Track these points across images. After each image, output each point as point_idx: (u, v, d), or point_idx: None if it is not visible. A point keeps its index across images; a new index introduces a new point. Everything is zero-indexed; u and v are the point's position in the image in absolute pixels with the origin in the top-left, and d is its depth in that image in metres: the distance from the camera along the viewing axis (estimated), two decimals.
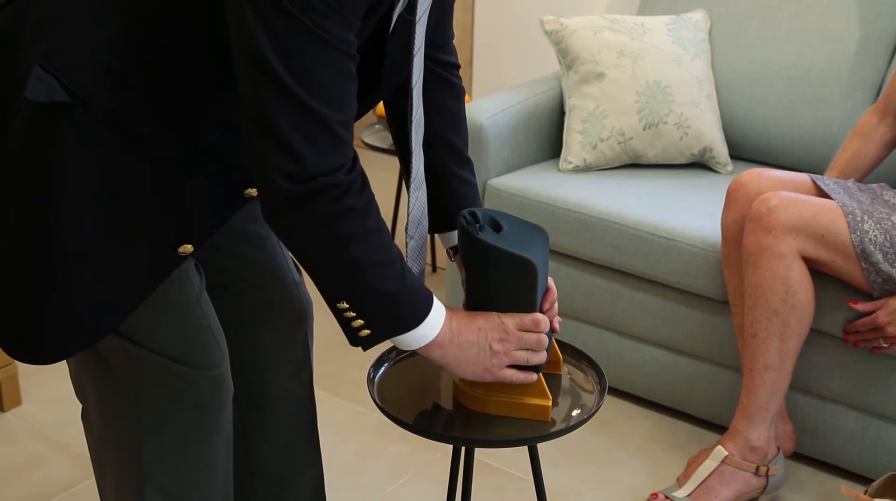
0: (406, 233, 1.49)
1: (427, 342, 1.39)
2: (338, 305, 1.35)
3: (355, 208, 1.28)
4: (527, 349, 1.44)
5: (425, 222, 1.52)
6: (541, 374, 1.47)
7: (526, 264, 1.41)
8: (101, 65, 1.30)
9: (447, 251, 1.64)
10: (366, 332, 1.36)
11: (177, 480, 1.50)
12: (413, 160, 1.46)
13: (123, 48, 1.30)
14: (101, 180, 1.33)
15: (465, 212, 1.47)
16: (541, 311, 1.48)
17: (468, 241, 1.44)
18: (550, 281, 1.52)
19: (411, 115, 1.42)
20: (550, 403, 1.48)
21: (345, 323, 1.37)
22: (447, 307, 1.42)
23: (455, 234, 1.59)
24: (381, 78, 1.37)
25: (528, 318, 1.43)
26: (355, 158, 1.30)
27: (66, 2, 1.32)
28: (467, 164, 1.61)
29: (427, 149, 1.55)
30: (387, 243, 1.33)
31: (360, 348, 1.39)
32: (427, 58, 1.55)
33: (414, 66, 1.39)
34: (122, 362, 1.43)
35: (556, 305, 1.52)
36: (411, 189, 1.47)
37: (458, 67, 1.62)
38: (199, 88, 1.32)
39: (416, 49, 1.39)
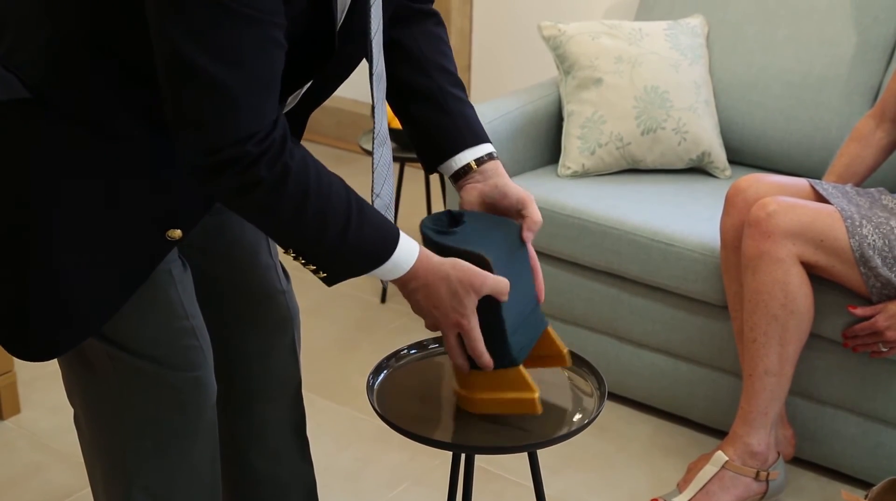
0: (371, 191, 1.47)
1: (397, 277, 1.38)
2: (286, 252, 1.35)
3: (264, 180, 1.25)
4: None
5: (391, 180, 1.50)
6: (521, 367, 1.46)
7: (477, 258, 1.41)
8: (56, 60, 1.31)
9: (449, 180, 1.59)
10: (322, 274, 1.36)
11: (162, 482, 1.50)
12: (376, 115, 1.44)
13: (73, 42, 1.30)
14: (78, 173, 1.33)
15: (428, 217, 1.49)
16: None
17: (426, 242, 1.46)
18: (527, 204, 1.51)
19: (372, 68, 1.40)
20: (537, 395, 1.46)
21: (302, 264, 1.37)
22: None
23: (459, 159, 1.55)
24: (334, 35, 1.33)
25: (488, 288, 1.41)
26: (275, 125, 1.26)
27: (17, 0, 1.33)
28: (461, 85, 1.58)
29: (421, 77, 1.53)
30: (321, 208, 1.30)
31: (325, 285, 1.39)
32: (400, 4, 1.52)
33: (372, 16, 1.36)
34: (106, 365, 1.44)
35: (540, 275, 1.53)
36: (375, 145, 1.45)
37: (431, 1, 1.59)
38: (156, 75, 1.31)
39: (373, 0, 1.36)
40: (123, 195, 1.36)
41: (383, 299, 3.13)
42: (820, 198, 2.21)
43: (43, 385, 2.64)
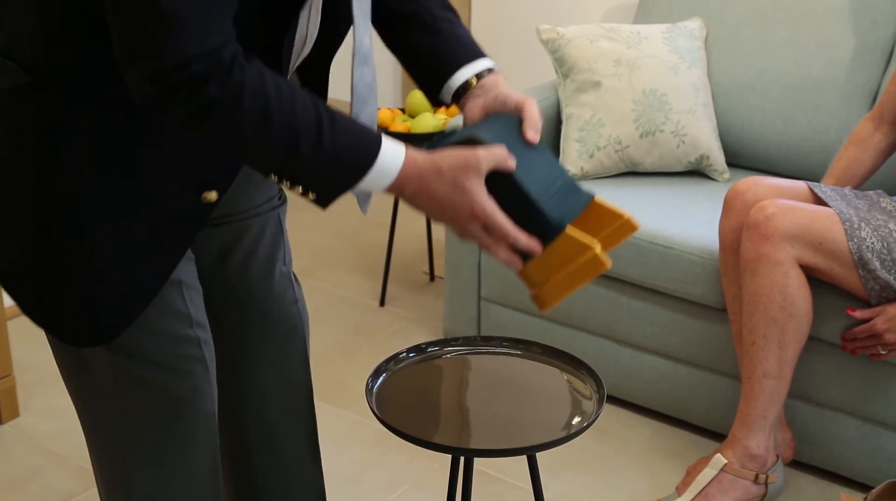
0: (350, 112, 1.41)
1: (389, 184, 1.31)
2: (269, 177, 1.30)
3: (217, 101, 1.20)
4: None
5: (373, 102, 1.46)
6: (568, 230, 1.33)
7: (468, 141, 1.33)
8: (53, 42, 1.29)
9: (453, 103, 1.52)
10: (311, 196, 1.30)
11: (161, 488, 1.50)
12: (357, 33, 1.40)
13: (67, 23, 1.29)
14: (100, 151, 1.32)
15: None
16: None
17: None
18: (526, 104, 1.43)
19: None
20: (597, 248, 1.31)
21: (288, 188, 1.32)
22: (416, 155, 1.32)
23: (457, 77, 1.49)
24: None
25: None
26: (224, 45, 1.21)
27: None
28: (450, 8, 1.53)
29: (408, 3, 1.50)
30: (287, 121, 1.24)
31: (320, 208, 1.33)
32: None
33: None
34: (105, 370, 1.44)
35: (535, 119, 1.42)
36: (355, 64, 1.40)
37: None
38: None
39: None
40: (151, 166, 1.34)
41: (382, 303, 3.13)
42: (818, 201, 2.21)
43: (42, 389, 2.64)
